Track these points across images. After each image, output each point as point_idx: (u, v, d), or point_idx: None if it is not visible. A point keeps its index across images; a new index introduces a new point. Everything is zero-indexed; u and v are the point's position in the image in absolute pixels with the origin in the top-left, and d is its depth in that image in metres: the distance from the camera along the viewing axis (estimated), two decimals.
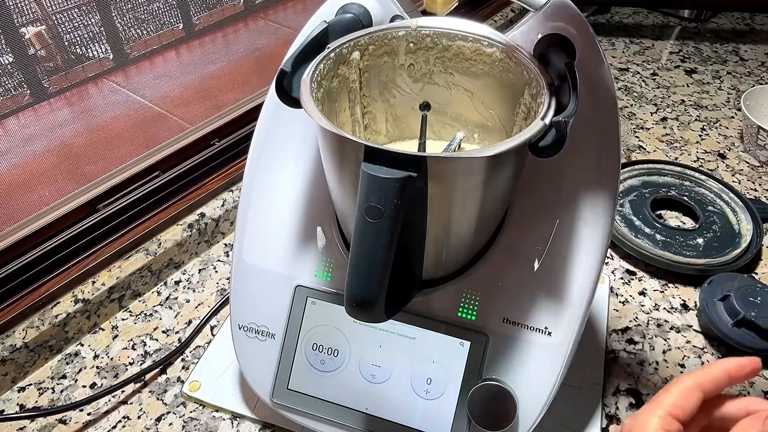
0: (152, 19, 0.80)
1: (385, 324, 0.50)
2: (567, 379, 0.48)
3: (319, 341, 0.51)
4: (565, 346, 0.47)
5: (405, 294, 0.45)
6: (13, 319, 0.61)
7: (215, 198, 0.78)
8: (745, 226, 0.76)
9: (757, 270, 0.73)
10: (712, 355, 0.63)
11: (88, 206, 0.69)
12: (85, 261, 0.67)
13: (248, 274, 0.53)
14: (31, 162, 0.70)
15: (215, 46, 0.90)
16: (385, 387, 0.50)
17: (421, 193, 0.38)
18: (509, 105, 0.48)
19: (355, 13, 0.48)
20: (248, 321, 0.53)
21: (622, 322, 0.67)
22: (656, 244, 0.74)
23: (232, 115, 0.83)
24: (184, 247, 0.73)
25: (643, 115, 1.02)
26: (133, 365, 0.63)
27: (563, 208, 0.48)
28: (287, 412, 0.52)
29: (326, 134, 0.40)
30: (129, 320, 0.68)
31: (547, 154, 0.37)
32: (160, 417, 0.57)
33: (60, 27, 0.72)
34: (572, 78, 0.39)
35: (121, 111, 0.80)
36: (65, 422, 0.57)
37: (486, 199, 0.42)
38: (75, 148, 0.75)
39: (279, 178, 0.53)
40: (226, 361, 0.61)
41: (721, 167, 0.90)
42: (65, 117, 0.74)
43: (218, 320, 0.67)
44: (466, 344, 0.49)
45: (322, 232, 0.51)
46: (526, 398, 0.47)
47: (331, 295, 0.51)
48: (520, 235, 0.49)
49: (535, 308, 0.48)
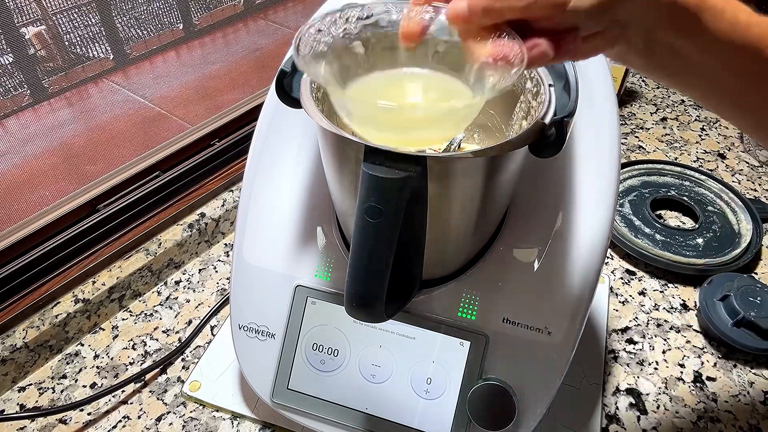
0: (152, 19, 0.80)
1: (385, 324, 0.50)
2: (567, 379, 0.48)
3: (319, 341, 0.51)
4: (565, 346, 0.47)
5: (405, 294, 0.45)
6: (14, 319, 0.61)
7: (215, 198, 0.78)
8: (744, 226, 0.76)
9: (756, 270, 0.73)
10: (712, 355, 0.63)
11: (88, 206, 0.69)
12: (85, 261, 0.67)
13: (248, 274, 0.53)
14: (31, 162, 0.70)
15: (215, 46, 0.90)
16: (385, 387, 0.50)
17: (421, 193, 0.38)
18: (509, 105, 0.48)
19: None
20: (248, 321, 0.53)
21: (622, 322, 0.67)
22: (656, 244, 0.74)
23: (232, 115, 0.83)
24: (184, 247, 0.73)
25: (643, 115, 1.02)
26: (133, 365, 0.63)
27: (563, 207, 0.48)
28: (287, 412, 0.52)
29: (326, 134, 0.40)
30: (129, 320, 0.68)
31: (547, 154, 0.37)
32: (160, 417, 0.57)
33: (60, 27, 0.72)
34: (572, 78, 0.39)
35: (121, 111, 0.80)
36: (65, 422, 0.57)
37: (486, 198, 0.42)
38: (75, 148, 0.75)
39: (279, 178, 0.53)
40: (226, 361, 0.61)
41: (721, 167, 0.90)
42: (65, 117, 0.74)
43: (218, 320, 0.67)
44: (466, 344, 0.49)
45: (322, 232, 0.51)
46: (526, 398, 0.47)
47: (331, 295, 0.51)
48: (520, 235, 0.49)
49: (535, 308, 0.48)
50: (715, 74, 0.33)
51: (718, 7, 0.30)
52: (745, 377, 0.61)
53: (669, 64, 0.33)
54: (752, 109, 0.35)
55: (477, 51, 0.31)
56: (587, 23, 0.30)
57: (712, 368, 0.62)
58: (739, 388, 0.60)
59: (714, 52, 0.32)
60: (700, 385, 0.60)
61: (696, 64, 0.32)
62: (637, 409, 0.58)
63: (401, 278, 0.43)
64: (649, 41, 0.31)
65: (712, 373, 0.62)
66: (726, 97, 0.35)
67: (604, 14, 0.30)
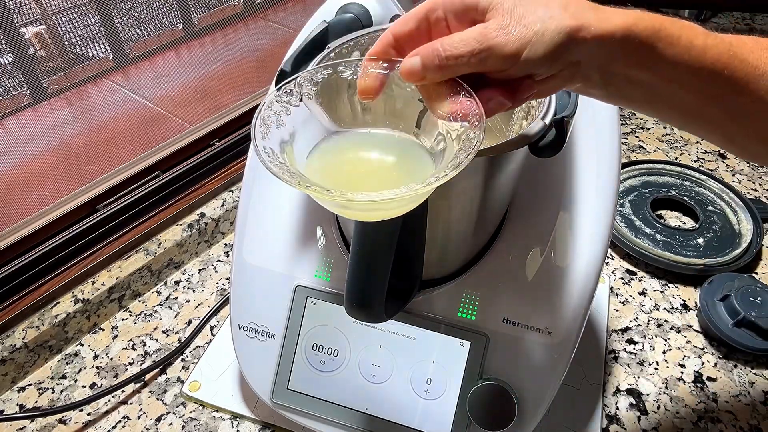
0: (152, 19, 0.80)
1: (385, 324, 0.50)
2: (567, 379, 0.48)
3: (319, 341, 0.51)
4: (565, 346, 0.47)
5: (405, 294, 0.45)
6: (13, 319, 0.61)
7: (215, 198, 0.78)
8: (745, 226, 0.76)
9: (757, 270, 0.73)
10: (712, 355, 0.63)
11: (87, 206, 0.69)
12: (85, 261, 0.67)
13: (248, 274, 0.53)
14: (31, 162, 0.70)
15: (215, 46, 0.90)
16: (385, 387, 0.50)
17: None
18: None
19: (355, 12, 0.48)
20: (248, 321, 0.53)
21: (622, 322, 0.67)
22: (656, 244, 0.74)
23: (232, 115, 0.83)
24: (184, 247, 0.73)
25: (643, 115, 1.02)
26: (133, 365, 0.63)
27: (563, 208, 0.48)
28: (287, 412, 0.52)
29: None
30: (129, 320, 0.68)
31: (547, 154, 0.37)
32: (160, 417, 0.57)
33: (60, 27, 0.72)
34: None
35: (121, 111, 0.80)
36: (65, 422, 0.57)
37: (486, 198, 0.42)
38: (75, 148, 0.74)
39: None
40: (226, 361, 0.61)
41: (722, 167, 0.90)
42: (65, 117, 0.74)
43: (218, 320, 0.67)
44: (466, 344, 0.49)
45: (322, 232, 0.51)
46: (526, 398, 0.47)
47: (331, 295, 0.51)
48: (520, 234, 0.49)
49: (535, 308, 0.48)
50: (676, 97, 0.33)
51: (674, 35, 0.30)
52: (746, 377, 0.61)
53: (629, 93, 0.33)
54: (716, 125, 0.35)
55: (438, 110, 0.31)
56: (542, 70, 0.30)
57: (712, 368, 0.62)
58: (739, 389, 0.60)
59: (672, 78, 0.31)
60: (700, 386, 0.60)
61: (655, 90, 0.32)
62: (638, 410, 0.58)
63: (401, 278, 0.43)
64: (605, 75, 0.31)
65: (713, 374, 0.62)
66: (689, 117, 0.35)
67: (557, 60, 0.29)
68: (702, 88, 0.32)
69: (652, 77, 0.31)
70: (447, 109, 0.31)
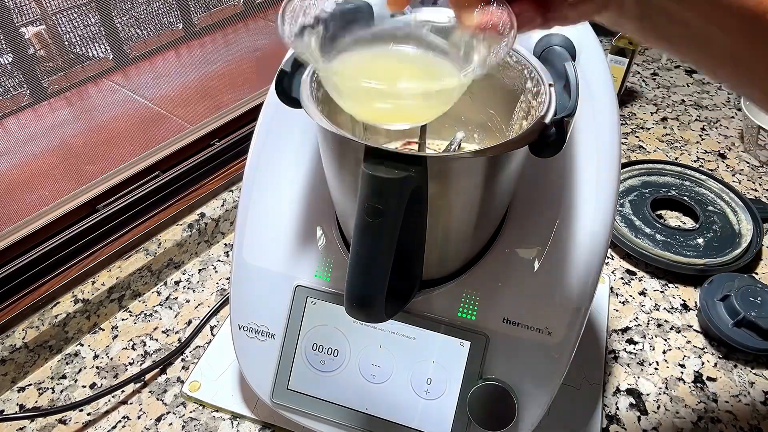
0: (152, 19, 0.80)
1: (385, 324, 0.50)
2: (567, 379, 0.48)
3: (319, 341, 0.51)
4: (565, 346, 0.47)
5: (405, 294, 0.44)
6: (13, 319, 0.61)
7: (215, 198, 0.78)
8: (745, 226, 0.76)
9: (757, 270, 0.73)
10: (712, 355, 0.63)
11: (87, 206, 0.69)
12: (85, 261, 0.67)
13: (248, 274, 0.53)
14: (31, 162, 0.70)
15: (215, 46, 0.90)
16: (385, 387, 0.50)
17: (421, 193, 0.38)
18: (509, 105, 0.47)
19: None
20: (248, 321, 0.53)
21: (622, 322, 0.67)
22: (656, 244, 0.74)
23: (232, 115, 0.83)
24: (184, 247, 0.73)
25: (643, 115, 1.02)
26: (133, 365, 0.63)
27: (563, 208, 0.48)
28: (287, 412, 0.52)
29: (326, 134, 0.40)
30: (129, 320, 0.68)
31: (547, 154, 0.37)
32: (160, 417, 0.57)
33: (60, 27, 0.72)
34: (572, 78, 0.39)
35: (121, 111, 0.80)
36: (65, 422, 0.57)
37: (486, 199, 0.42)
38: (75, 148, 0.74)
39: (279, 178, 0.53)
40: (226, 361, 0.61)
41: (722, 167, 0.90)
42: (65, 117, 0.74)
43: (218, 320, 0.67)
44: (466, 344, 0.49)
45: (322, 232, 0.51)
46: (526, 398, 0.47)
47: (331, 295, 0.51)
48: (520, 235, 0.49)
49: (535, 308, 0.48)
50: (712, 39, 0.31)
51: None
52: (746, 377, 0.61)
53: (664, 29, 0.31)
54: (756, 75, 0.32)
55: (466, 20, 0.30)
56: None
57: (712, 368, 0.62)
58: (739, 389, 0.60)
59: (712, 17, 0.30)
60: (700, 386, 0.60)
61: (693, 29, 0.31)
62: (638, 410, 0.58)
63: (401, 278, 0.43)
64: (643, 5, 0.30)
65: (713, 374, 0.62)
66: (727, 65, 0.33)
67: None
68: (742, 30, 0.30)
69: (692, 14, 0.30)
70: (476, 19, 0.30)
